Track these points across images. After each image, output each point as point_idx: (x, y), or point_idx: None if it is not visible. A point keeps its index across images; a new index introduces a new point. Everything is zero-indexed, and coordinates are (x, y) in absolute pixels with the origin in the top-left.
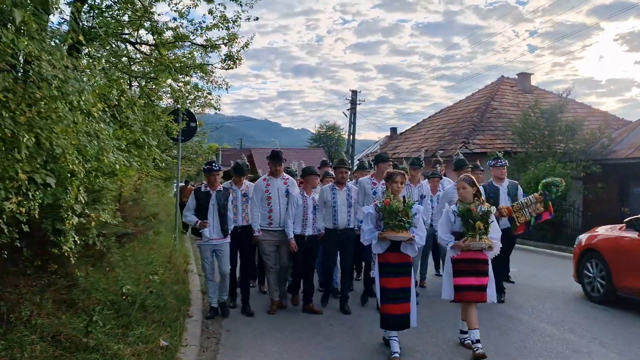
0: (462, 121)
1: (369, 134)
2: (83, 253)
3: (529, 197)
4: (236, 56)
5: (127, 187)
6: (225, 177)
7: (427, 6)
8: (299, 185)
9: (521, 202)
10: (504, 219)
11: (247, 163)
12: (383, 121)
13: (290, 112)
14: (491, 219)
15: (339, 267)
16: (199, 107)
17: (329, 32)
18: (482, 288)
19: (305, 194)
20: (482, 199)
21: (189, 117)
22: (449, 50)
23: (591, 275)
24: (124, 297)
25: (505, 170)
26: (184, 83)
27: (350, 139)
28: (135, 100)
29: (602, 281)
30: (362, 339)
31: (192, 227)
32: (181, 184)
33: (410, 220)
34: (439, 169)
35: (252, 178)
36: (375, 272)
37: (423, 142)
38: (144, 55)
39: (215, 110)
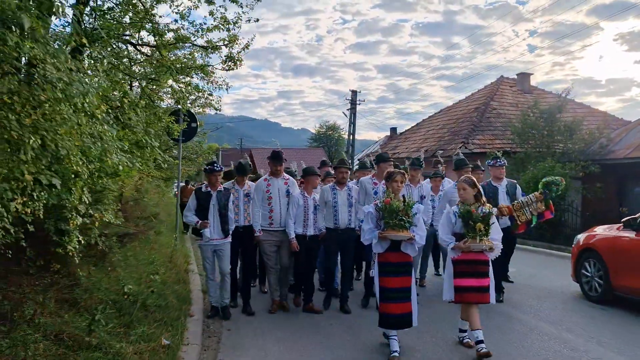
0: (462, 121)
1: (369, 133)
2: (85, 253)
3: (529, 196)
4: (237, 57)
5: (128, 187)
6: (225, 178)
7: (427, 6)
8: (300, 185)
9: (521, 201)
10: (505, 218)
11: (250, 163)
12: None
13: (290, 112)
14: (492, 220)
15: (339, 267)
16: (200, 107)
17: (329, 32)
18: (483, 289)
19: (305, 194)
20: (483, 199)
21: (189, 118)
22: (448, 50)
23: (589, 274)
24: (126, 297)
25: (504, 170)
26: (185, 84)
27: (350, 139)
28: (137, 102)
29: (599, 281)
30: (362, 339)
31: (193, 227)
32: (181, 184)
33: (410, 219)
34: (441, 168)
35: (254, 178)
36: (374, 272)
37: (423, 142)
38: (145, 57)
39: (215, 110)
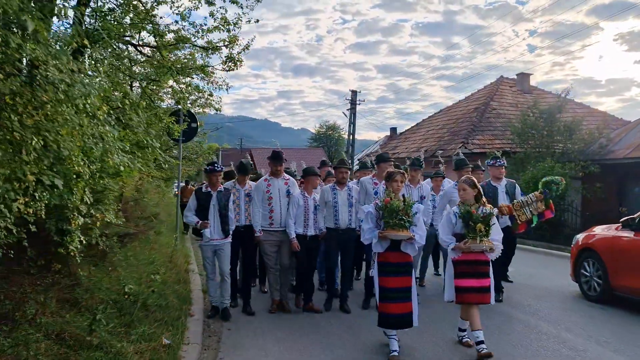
0: (462, 121)
1: (369, 133)
2: (86, 253)
3: (530, 195)
4: (237, 58)
5: (129, 187)
6: (225, 178)
7: (427, 6)
8: (300, 185)
9: (522, 201)
10: (505, 217)
11: (252, 162)
12: (383, 121)
13: (290, 112)
14: (492, 221)
15: (339, 267)
16: (200, 107)
17: (329, 32)
18: (484, 290)
19: (306, 194)
20: (484, 200)
21: (189, 118)
22: (448, 50)
23: (588, 274)
24: (127, 296)
25: (503, 170)
26: (185, 85)
27: (350, 139)
28: (138, 103)
29: (598, 280)
30: (362, 338)
31: (193, 227)
32: (182, 184)
33: (410, 219)
34: (442, 168)
35: (255, 177)
36: (374, 271)
37: (422, 142)
38: (146, 58)
39: (215, 110)
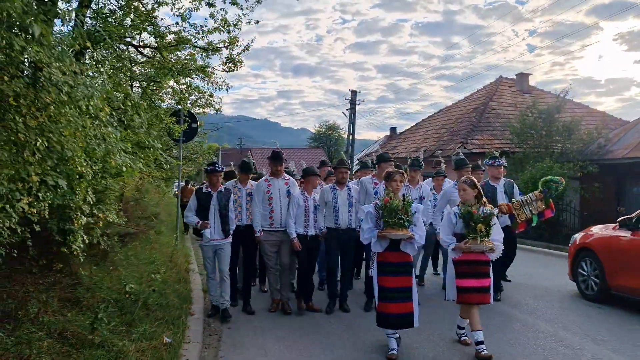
0: (461, 121)
1: (369, 133)
2: (87, 252)
3: (529, 194)
4: (237, 59)
5: (129, 187)
6: (226, 178)
7: (427, 6)
8: (300, 185)
9: (521, 200)
10: (504, 217)
11: (254, 161)
12: (382, 121)
13: (290, 112)
14: (493, 221)
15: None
16: (200, 107)
17: (329, 32)
18: (484, 290)
19: (306, 194)
20: (484, 200)
21: (190, 118)
22: (448, 50)
23: (585, 273)
24: (128, 296)
25: (502, 170)
26: (186, 85)
27: (350, 139)
28: (140, 105)
29: (596, 280)
30: (362, 338)
31: (194, 227)
32: (182, 184)
33: (410, 218)
34: (443, 167)
35: (256, 177)
36: (373, 271)
37: (422, 142)
38: (147, 59)
39: (215, 110)
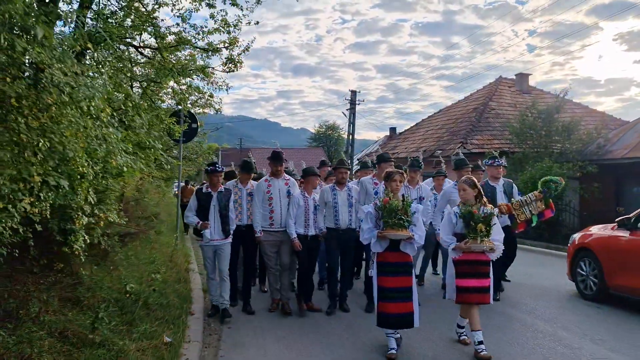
0: (461, 121)
1: (369, 133)
2: (88, 252)
3: (529, 195)
4: (237, 59)
5: (129, 187)
6: (226, 178)
7: (427, 6)
8: (300, 185)
9: (521, 200)
10: (504, 217)
11: (255, 161)
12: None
13: (290, 112)
14: (493, 221)
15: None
16: (200, 107)
17: (329, 32)
18: (484, 290)
19: (306, 194)
20: (484, 200)
21: (190, 119)
22: (448, 50)
23: (584, 273)
24: (128, 295)
25: (501, 170)
26: (186, 86)
27: (350, 139)
28: (140, 105)
29: (594, 279)
30: (362, 338)
31: (194, 227)
32: (181, 184)
33: (409, 218)
34: (443, 167)
35: (256, 177)
36: (373, 271)
37: (422, 142)
38: (147, 59)
39: (216, 111)
